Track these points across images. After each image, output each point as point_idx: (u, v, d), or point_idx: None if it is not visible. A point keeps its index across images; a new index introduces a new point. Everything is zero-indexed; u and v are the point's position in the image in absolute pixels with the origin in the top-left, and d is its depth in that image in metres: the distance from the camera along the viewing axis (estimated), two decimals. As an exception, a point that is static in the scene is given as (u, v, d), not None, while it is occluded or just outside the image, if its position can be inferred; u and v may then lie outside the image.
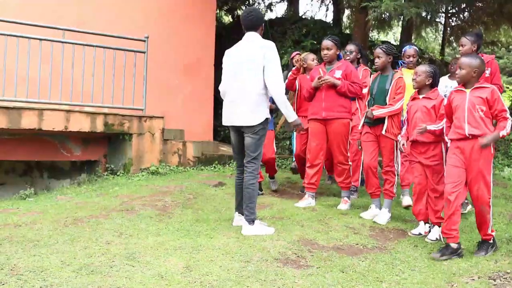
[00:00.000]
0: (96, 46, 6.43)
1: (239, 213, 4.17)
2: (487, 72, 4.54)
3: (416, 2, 6.22)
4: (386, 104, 4.56)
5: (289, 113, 4.07)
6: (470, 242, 4.06)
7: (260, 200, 5.23)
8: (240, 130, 4.06)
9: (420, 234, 4.19)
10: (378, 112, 4.55)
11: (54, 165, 7.19)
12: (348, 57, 5.47)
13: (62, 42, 6.25)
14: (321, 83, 4.92)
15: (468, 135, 3.69)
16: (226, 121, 4.09)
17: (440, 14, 11.63)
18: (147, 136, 6.65)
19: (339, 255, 3.62)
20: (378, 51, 4.67)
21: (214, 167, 7.18)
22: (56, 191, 6.23)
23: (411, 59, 5.39)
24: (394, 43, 14.51)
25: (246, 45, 4.03)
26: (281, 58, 10.19)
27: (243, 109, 3.95)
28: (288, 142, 8.98)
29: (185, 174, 6.67)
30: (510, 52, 16.44)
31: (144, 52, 6.80)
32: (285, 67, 10.01)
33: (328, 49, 4.99)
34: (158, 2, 8.04)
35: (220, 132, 9.61)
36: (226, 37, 11.30)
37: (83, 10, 7.21)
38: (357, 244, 3.90)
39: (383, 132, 4.56)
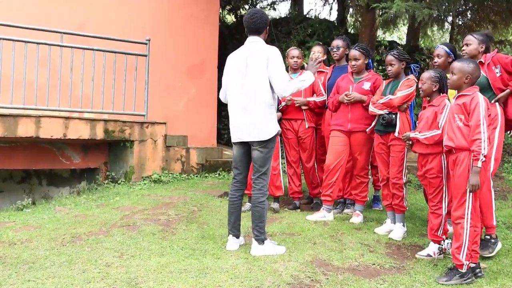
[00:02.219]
0: (96, 50, 6.19)
1: (233, 235, 3.83)
2: (497, 71, 4.07)
3: (428, 2, 5.96)
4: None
5: (307, 81, 3.83)
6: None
7: (268, 213, 4.99)
8: (246, 142, 3.80)
9: (429, 255, 3.86)
10: (374, 106, 4.42)
11: (53, 173, 6.95)
12: (335, 55, 5.21)
13: (60, 46, 6.00)
14: (347, 101, 4.73)
15: (444, 147, 3.49)
16: (235, 137, 3.82)
17: (452, 10, 11.36)
18: (148, 143, 6.41)
19: (356, 277, 3.38)
20: (390, 58, 4.43)
21: (219, 174, 6.93)
22: (55, 201, 5.98)
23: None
24: (399, 42, 14.25)
25: (248, 52, 3.75)
26: (286, 60, 9.84)
27: (252, 122, 3.68)
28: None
29: (189, 182, 6.43)
30: (517, 51, 16.18)
31: (145, 55, 6.55)
32: (289, 68, 9.77)
33: (356, 59, 4.76)
34: (160, 3, 7.79)
35: (224, 135, 9.36)
36: (229, 37, 11.05)
37: (84, 13, 6.96)
38: (374, 264, 3.65)
39: (396, 134, 4.31)
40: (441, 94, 3.94)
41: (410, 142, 4.00)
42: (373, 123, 4.55)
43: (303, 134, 5.22)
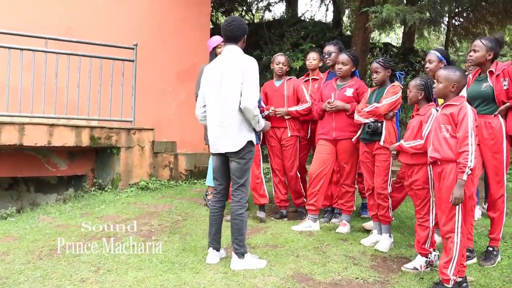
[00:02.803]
0: (81, 55, 6.09)
1: (213, 248, 3.74)
2: (505, 83, 3.85)
3: (419, 6, 5.85)
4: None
5: (261, 126, 3.72)
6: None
7: (253, 222, 4.90)
8: (224, 153, 3.71)
9: (415, 268, 3.74)
10: (359, 115, 4.32)
11: (40, 179, 6.85)
12: (328, 61, 5.10)
13: (45, 51, 5.91)
14: (330, 109, 4.64)
15: (429, 158, 3.38)
16: (213, 148, 3.73)
17: (445, 13, 11.27)
18: (136, 150, 6.31)
19: (337, 293, 3.29)
20: (375, 65, 4.33)
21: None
22: (40, 209, 5.88)
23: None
24: (394, 44, 14.14)
25: (224, 62, 3.66)
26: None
27: (228, 134, 3.60)
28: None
29: (177, 189, 6.33)
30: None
31: (132, 61, 6.45)
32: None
33: (343, 64, 4.66)
34: (150, 7, 7.71)
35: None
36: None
37: (72, 17, 6.90)
38: (357, 278, 3.55)
39: (381, 143, 4.21)
40: (429, 102, 3.85)
41: (395, 152, 3.91)
42: (359, 132, 4.46)
43: (285, 142, 5.13)
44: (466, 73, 4.27)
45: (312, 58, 5.43)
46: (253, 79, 3.55)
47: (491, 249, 4.01)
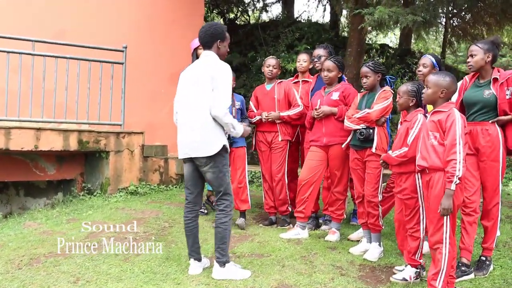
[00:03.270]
0: (69, 58, 5.99)
1: (194, 259, 3.64)
2: (508, 93, 3.69)
3: (413, 8, 5.74)
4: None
5: (238, 132, 3.61)
6: None
7: (240, 229, 4.80)
8: (194, 161, 3.60)
9: (404, 279, 3.62)
10: (349, 121, 4.20)
11: (30, 183, 6.75)
12: (317, 65, 5.02)
13: (32, 54, 5.81)
14: (317, 116, 4.54)
15: (417, 166, 3.29)
16: (181, 152, 3.63)
17: (440, 15, 11.17)
18: (125, 154, 6.21)
19: (322, 305, 3.19)
20: (365, 70, 4.22)
21: (199, 184, 6.73)
22: (27, 214, 5.79)
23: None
24: (391, 45, 14.03)
25: (197, 67, 3.63)
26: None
27: (196, 138, 3.50)
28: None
29: (167, 193, 6.23)
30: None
31: (122, 63, 6.35)
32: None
33: (329, 70, 4.57)
34: (142, 9, 7.60)
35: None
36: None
37: (63, 19, 6.78)
38: (344, 289, 3.46)
39: (373, 150, 4.11)
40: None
41: (384, 164, 3.82)
42: (349, 138, 4.35)
43: (275, 145, 5.03)
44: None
45: (303, 60, 5.33)
46: (223, 86, 3.46)
47: (484, 258, 3.91)
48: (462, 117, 3.28)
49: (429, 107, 3.76)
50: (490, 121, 3.76)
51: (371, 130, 4.15)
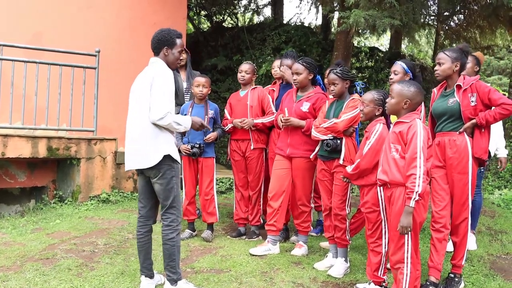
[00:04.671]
0: (39, 63, 5.84)
1: (146, 276, 3.48)
2: (473, 99, 3.56)
3: (391, 11, 5.56)
4: None
5: (186, 126, 3.45)
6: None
7: (205, 242, 4.64)
8: (144, 173, 3.44)
9: None
10: (317, 131, 4.04)
11: (3, 190, 6.61)
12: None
13: (0, 59, 5.66)
14: (283, 125, 4.39)
15: (377, 180, 3.13)
16: (127, 164, 3.46)
17: (432, 17, 11.00)
18: (97, 161, 6.06)
19: (274, 327, 3.02)
20: (333, 77, 4.04)
21: (175, 191, 6.57)
22: (-5, 222, 5.65)
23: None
24: (381, 48, 13.86)
25: (141, 75, 3.49)
26: (259, 67, 9.47)
27: (137, 148, 3.35)
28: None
29: (139, 202, 6.07)
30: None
31: (94, 68, 6.20)
32: (263, 76, 9.39)
33: (298, 73, 4.36)
34: (120, 12, 7.46)
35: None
36: (203, 43, 10.72)
37: (38, 24, 6.65)
38: (301, 309, 3.30)
39: (341, 161, 3.94)
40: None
41: (346, 180, 3.67)
42: (317, 148, 4.18)
43: (249, 155, 4.87)
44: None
45: (277, 66, 5.18)
46: (158, 90, 3.29)
47: (452, 275, 3.75)
48: (425, 128, 3.12)
49: (393, 118, 3.59)
50: (458, 132, 3.60)
51: (338, 141, 3.98)
